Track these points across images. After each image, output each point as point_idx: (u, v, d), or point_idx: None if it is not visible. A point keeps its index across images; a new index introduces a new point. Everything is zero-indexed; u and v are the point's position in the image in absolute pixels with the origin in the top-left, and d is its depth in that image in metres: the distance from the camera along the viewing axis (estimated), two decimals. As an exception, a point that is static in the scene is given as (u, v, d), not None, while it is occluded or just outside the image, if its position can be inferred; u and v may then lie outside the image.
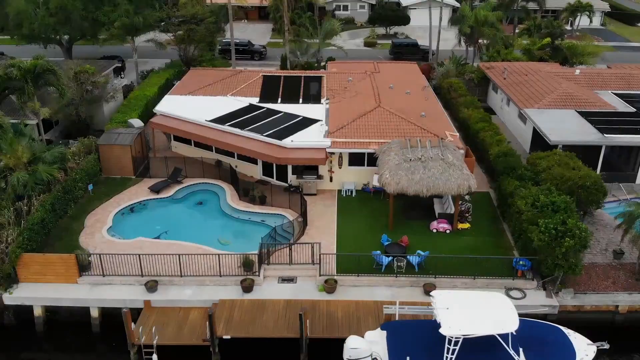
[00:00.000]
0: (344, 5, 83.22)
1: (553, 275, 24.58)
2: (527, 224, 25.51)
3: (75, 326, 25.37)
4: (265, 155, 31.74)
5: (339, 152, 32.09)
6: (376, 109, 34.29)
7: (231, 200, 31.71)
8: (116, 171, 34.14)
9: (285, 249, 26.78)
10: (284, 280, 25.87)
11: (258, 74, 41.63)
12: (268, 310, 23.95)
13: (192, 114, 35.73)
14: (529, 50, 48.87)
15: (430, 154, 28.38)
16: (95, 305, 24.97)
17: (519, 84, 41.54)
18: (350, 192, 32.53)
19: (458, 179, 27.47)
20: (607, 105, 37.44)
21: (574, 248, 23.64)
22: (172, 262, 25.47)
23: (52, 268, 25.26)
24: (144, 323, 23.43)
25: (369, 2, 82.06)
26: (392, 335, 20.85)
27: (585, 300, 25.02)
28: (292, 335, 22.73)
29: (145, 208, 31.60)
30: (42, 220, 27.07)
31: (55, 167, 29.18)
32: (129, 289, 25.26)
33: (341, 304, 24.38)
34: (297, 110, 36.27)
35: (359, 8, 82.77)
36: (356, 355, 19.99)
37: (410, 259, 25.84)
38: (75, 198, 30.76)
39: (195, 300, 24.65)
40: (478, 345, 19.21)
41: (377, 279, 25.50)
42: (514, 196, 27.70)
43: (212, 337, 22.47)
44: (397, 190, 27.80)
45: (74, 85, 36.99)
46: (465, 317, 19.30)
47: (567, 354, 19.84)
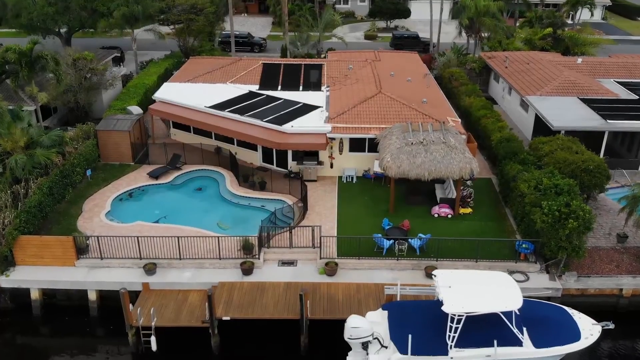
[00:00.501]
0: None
1: (556, 258, 24.28)
2: (529, 207, 25.23)
3: (73, 310, 25.09)
4: (265, 140, 31.46)
5: (339, 138, 31.79)
6: (377, 95, 33.99)
7: (230, 186, 31.42)
8: (115, 157, 33.85)
9: (285, 233, 26.51)
10: (284, 264, 25.58)
11: (258, 61, 41.34)
12: (268, 292, 23.66)
13: (191, 100, 35.45)
14: (531, 40, 48.58)
15: (432, 137, 28.09)
16: (93, 288, 24.66)
17: (520, 72, 41.27)
18: (351, 179, 32.24)
19: (460, 162, 27.18)
20: (609, 93, 37.18)
21: (578, 230, 23.34)
22: (171, 245, 25.19)
23: (49, 250, 24.95)
24: (142, 305, 23.14)
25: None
26: (394, 315, 20.54)
27: (588, 284, 24.74)
28: (292, 316, 22.44)
29: (144, 193, 31.31)
30: (40, 203, 26.77)
31: (53, 151, 28.88)
32: (127, 271, 24.96)
33: (342, 286, 24.09)
34: (297, 97, 35.99)
35: (359, 1, 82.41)
36: (357, 335, 19.63)
37: (411, 242, 25.56)
38: (73, 183, 30.46)
39: (194, 282, 24.35)
40: (481, 323, 18.91)
41: (378, 262, 25.21)
42: (516, 180, 27.41)
43: (212, 319, 22.18)
44: (399, 174, 27.51)
45: (72, 72, 36.71)
46: (468, 295, 19.00)
47: (571, 333, 19.53)
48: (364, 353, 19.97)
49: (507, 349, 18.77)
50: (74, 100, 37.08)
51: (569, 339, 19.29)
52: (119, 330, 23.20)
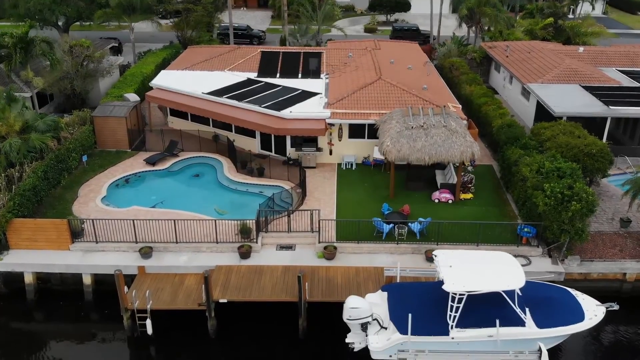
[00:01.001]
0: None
1: (559, 242, 23.89)
2: (531, 190, 24.84)
3: (68, 295, 24.69)
4: (263, 126, 31.05)
5: (338, 124, 31.38)
6: (377, 82, 33.59)
7: (228, 172, 31.02)
8: (111, 144, 33.44)
9: (283, 218, 26.11)
10: (282, 248, 25.17)
11: (256, 49, 40.98)
12: (266, 275, 23.25)
13: (189, 87, 35.04)
14: (532, 30, 48.21)
15: (433, 121, 27.68)
16: (87, 272, 24.26)
17: (521, 61, 40.89)
18: (351, 165, 31.83)
19: (461, 146, 26.77)
20: (611, 81, 36.80)
21: (581, 212, 22.94)
22: (167, 229, 24.79)
23: (43, 234, 24.54)
24: (137, 288, 22.74)
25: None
26: (393, 295, 20.16)
27: (591, 268, 24.34)
28: (290, 298, 22.04)
29: (141, 179, 30.90)
30: (34, 187, 26.35)
31: (48, 136, 28.51)
32: (123, 255, 24.54)
33: (340, 270, 23.68)
34: (295, 84, 35.58)
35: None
36: (356, 316, 19.20)
37: (411, 226, 25.16)
38: (69, 168, 30.04)
39: (191, 266, 23.93)
40: (483, 303, 18.53)
41: (377, 246, 24.81)
42: (518, 164, 27.02)
43: (208, 301, 21.76)
44: (399, 158, 27.12)
45: (68, 58, 36.29)
46: (469, 274, 18.60)
47: (575, 313, 19.14)
48: (363, 334, 19.58)
49: (509, 329, 18.36)
50: (70, 87, 36.66)
51: (573, 320, 18.89)
52: (114, 315, 22.81)
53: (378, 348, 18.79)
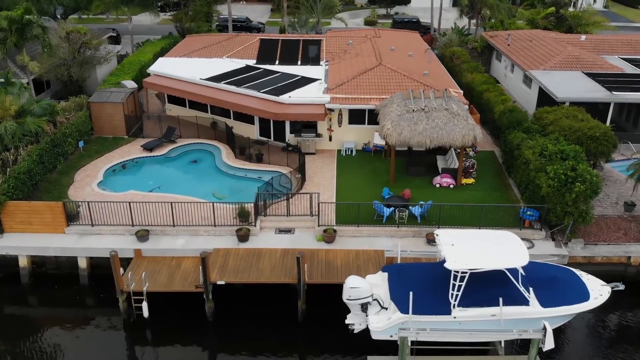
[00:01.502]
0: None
1: (562, 224, 23.49)
2: (534, 173, 24.44)
3: (63, 279, 24.32)
4: (262, 111, 30.63)
5: (338, 109, 30.97)
6: (377, 67, 33.19)
7: (227, 158, 30.60)
8: (108, 130, 33.03)
9: (282, 203, 25.69)
10: (281, 231, 24.76)
11: (255, 37, 40.56)
12: (264, 258, 22.84)
13: (186, 73, 34.65)
14: (533, 20, 47.77)
15: (434, 104, 27.27)
16: (83, 255, 23.83)
17: (523, 49, 40.47)
18: (350, 152, 31.42)
19: (463, 129, 26.36)
20: (614, 68, 36.40)
21: (585, 194, 22.54)
22: (164, 212, 24.40)
23: (38, 217, 24.13)
24: (133, 271, 22.34)
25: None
26: (394, 276, 19.72)
27: (595, 251, 23.95)
28: (289, 280, 21.64)
29: (138, 165, 30.49)
30: (29, 170, 25.93)
31: (44, 120, 28.10)
32: (119, 238, 24.13)
33: (340, 253, 23.28)
34: (295, 71, 35.18)
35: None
36: (356, 296, 18.73)
37: (412, 210, 24.76)
38: (65, 153, 29.64)
39: (188, 249, 23.51)
40: (485, 282, 18.10)
41: (378, 229, 24.40)
42: (521, 148, 26.61)
43: (206, 283, 21.35)
44: (399, 142, 26.71)
45: (65, 45, 35.87)
46: (471, 252, 18.17)
47: (580, 293, 18.69)
48: (363, 315, 19.14)
49: (513, 308, 17.90)
50: (67, 74, 36.22)
51: (578, 299, 18.45)
52: (109, 299, 22.44)
53: (378, 328, 18.36)
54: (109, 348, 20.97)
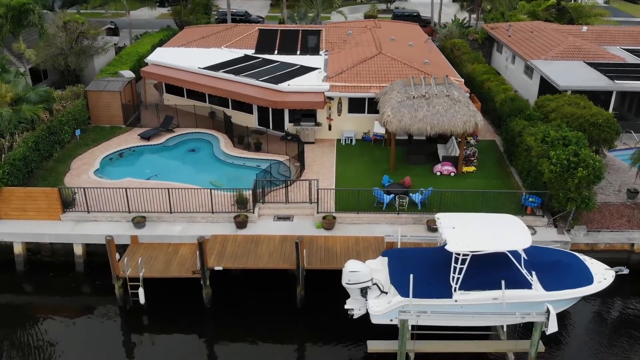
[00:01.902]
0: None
1: (565, 211, 23.18)
2: (536, 159, 24.12)
3: (58, 266, 23.97)
4: (261, 99, 30.32)
5: (338, 97, 30.63)
6: (377, 56, 32.88)
7: (225, 147, 30.27)
8: (105, 120, 32.70)
9: (280, 190, 25.37)
10: (279, 219, 24.44)
11: (254, 27, 40.24)
12: (263, 244, 22.51)
13: (185, 62, 34.31)
14: (534, 12, 47.44)
15: (435, 90, 26.94)
16: (79, 242, 23.49)
17: (524, 40, 40.15)
18: (350, 141, 31.08)
19: (464, 115, 26.05)
20: (616, 58, 36.10)
21: (588, 179, 22.23)
22: (162, 198, 24.08)
23: (33, 203, 23.80)
24: (129, 257, 22.01)
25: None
26: (394, 260, 19.41)
27: (598, 238, 23.62)
28: (288, 266, 21.32)
29: (135, 154, 30.16)
30: (24, 157, 25.62)
31: (40, 107, 27.78)
32: (115, 225, 23.78)
33: (340, 239, 22.95)
34: (294, 60, 34.84)
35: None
36: (356, 280, 18.40)
37: (412, 197, 24.44)
38: (61, 141, 29.30)
39: (186, 235, 23.16)
40: (487, 265, 17.79)
41: (378, 216, 24.09)
42: (522, 134, 26.29)
43: (203, 268, 21.01)
44: (400, 129, 26.38)
45: (62, 34, 35.53)
46: (473, 234, 17.87)
47: (583, 276, 18.38)
48: (362, 300, 18.82)
49: (515, 291, 17.57)
50: (64, 64, 35.86)
51: (581, 282, 18.14)
52: (105, 286, 22.18)
53: (378, 312, 18.04)
54: (105, 335, 20.61)
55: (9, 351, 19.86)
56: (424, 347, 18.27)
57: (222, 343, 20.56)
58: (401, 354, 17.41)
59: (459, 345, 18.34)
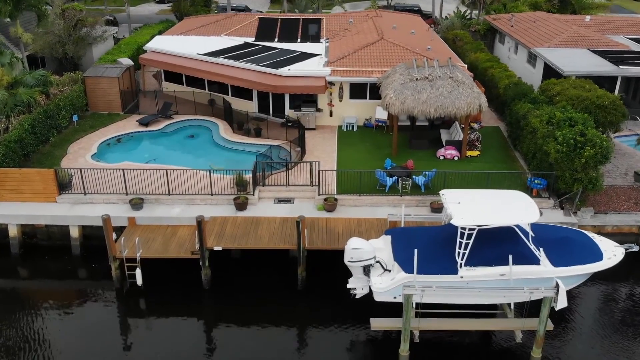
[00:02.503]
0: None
1: (571, 192, 22.69)
2: (542, 140, 23.65)
3: (54, 250, 23.46)
4: (261, 84, 29.87)
5: (339, 82, 30.19)
6: (379, 42, 32.47)
7: (224, 133, 29.82)
8: (103, 106, 32.26)
9: (281, 174, 24.88)
10: (280, 201, 23.96)
11: (254, 16, 39.84)
12: (263, 226, 22.01)
13: (184, 49, 33.91)
14: (536, 3, 47.05)
15: (438, 72, 26.50)
16: (75, 224, 22.98)
17: (527, 29, 39.73)
18: (352, 127, 30.64)
19: (468, 97, 25.59)
20: (620, 45, 35.67)
21: (595, 159, 21.77)
22: (160, 180, 23.61)
23: (29, 185, 23.31)
24: (127, 238, 21.49)
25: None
26: (397, 238, 18.91)
27: (606, 220, 23.14)
28: (288, 246, 20.83)
29: (133, 139, 29.70)
30: (20, 139, 25.16)
31: (37, 90, 27.33)
32: (112, 207, 23.26)
33: (341, 221, 22.46)
34: (294, 47, 34.42)
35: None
36: (359, 257, 17.87)
37: (415, 179, 23.96)
38: (58, 126, 28.84)
39: (184, 217, 22.66)
40: (494, 240, 17.29)
41: (380, 198, 23.60)
42: (527, 117, 25.83)
43: (202, 248, 20.49)
44: (402, 111, 25.91)
45: (60, 22, 35.10)
46: (479, 209, 17.35)
47: (593, 253, 17.85)
48: (365, 279, 18.28)
49: (523, 267, 17.03)
50: (62, 51, 35.43)
51: (591, 259, 17.61)
52: (102, 269, 21.77)
53: (381, 289, 17.49)
54: (100, 319, 19.96)
55: (3, 335, 19.26)
56: (428, 324, 17.72)
57: (221, 325, 19.90)
58: (405, 331, 16.83)
59: (465, 323, 17.78)
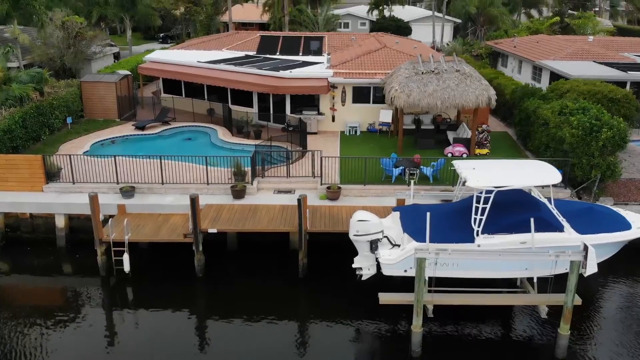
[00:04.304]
0: (344, 23, 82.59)
1: (589, 180, 21.42)
2: (555, 130, 22.57)
3: (38, 242, 21.92)
4: (261, 85, 29.08)
5: (342, 85, 29.41)
6: (382, 49, 31.99)
7: (223, 136, 28.81)
8: (99, 113, 31.44)
9: (281, 167, 23.67)
10: (280, 192, 22.62)
11: (255, 34, 39.66)
12: (262, 212, 20.58)
13: (183, 59, 33.41)
14: (537, 30, 47.17)
15: (445, 66, 25.74)
16: (61, 212, 21.54)
17: (530, 48, 39.49)
18: (355, 131, 29.64)
19: (476, 89, 24.71)
20: (626, 59, 35.22)
21: (613, 141, 20.64)
22: (153, 170, 22.39)
23: (15, 172, 22.07)
24: (115, 223, 20.07)
25: (369, 19, 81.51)
26: (407, 213, 17.57)
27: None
28: (289, 228, 19.35)
29: (128, 141, 28.64)
30: (10, 130, 24.11)
31: (30, 86, 26.52)
32: (102, 197, 21.57)
33: (345, 208, 21.00)
34: (296, 58, 33.89)
35: (360, 25, 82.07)
36: (365, 230, 16.43)
37: (423, 170, 22.72)
38: (51, 125, 27.88)
39: (178, 205, 21.26)
40: (514, 207, 15.95)
41: (387, 187, 22.28)
42: (538, 112, 24.87)
43: (195, 231, 19.00)
44: (408, 104, 24.97)
45: (60, 33, 34.78)
46: (496, 172, 16.12)
47: (619, 223, 16.47)
48: (372, 257, 16.79)
49: (546, 234, 15.61)
50: (60, 61, 34.91)
51: (619, 227, 16.19)
52: (86, 259, 20.24)
53: (391, 260, 15.97)
54: (84, 310, 17.93)
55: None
56: (443, 299, 16.01)
57: (216, 316, 17.75)
58: (418, 302, 15.07)
59: (483, 297, 16.05)
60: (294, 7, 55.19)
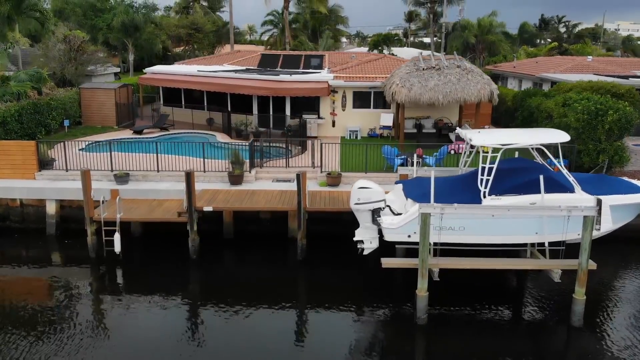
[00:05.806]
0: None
1: (597, 166, 20.83)
2: (559, 119, 22.17)
3: (28, 232, 21.12)
4: (261, 88, 28.89)
5: (342, 89, 29.24)
6: (382, 58, 32.10)
7: (222, 139, 28.36)
8: (98, 120, 31.17)
9: (280, 160, 23.16)
10: (279, 181, 21.99)
11: (256, 52, 39.90)
12: (259, 195, 19.89)
13: (184, 70, 33.42)
14: (536, 55, 47.61)
15: (446, 63, 25.59)
16: (52, 198, 20.82)
17: (530, 67, 39.70)
18: (355, 136, 29.24)
19: (478, 83, 24.48)
20: (626, 71, 35.27)
21: (619, 124, 20.18)
22: (149, 160, 21.91)
23: (6, 158, 21.55)
24: (107, 204, 19.37)
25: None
26: (410, 183, 16.90)
27: (637, 199, 20.97)
28: (287, 207, 18.62)
29: (125, 142, 28.06)
30: (4, 122, 23.70)
31: (28, 84, 26.34)
32: (96, 184, 21.01)
33: (346, 193, 20.17)
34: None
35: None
36: (367, 198, 15.73)
37: (426, 159, 22.17)
38: (47, 125, 27.45)
39: (173, 190, 20.60)
40: (522, 169, 15.36)
41: (389, 175, 21.61)
42: (541, 107, 24.54)
43: (190, 209, 18.27)
44: (409, 99, 24.69)
45: (62, 47, 34.98)
46: (502, 133, 15.57)
47: (632, 187, 15.73)
48: (374, 228, 16.02)
49: (557, 195, 14.88)
50: (61, 73, 34.93)
51: (632, 190, 15.47)
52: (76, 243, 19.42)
53: (393, 225, 15.17)
54: (72, 294, 16.74)
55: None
56: (449, 262, 15.09)
57: (211, 301, 16.23)
58: (423, 263, 14.15)
59: (491, 261, 15.10)
60: (295, 39, 56.05)
